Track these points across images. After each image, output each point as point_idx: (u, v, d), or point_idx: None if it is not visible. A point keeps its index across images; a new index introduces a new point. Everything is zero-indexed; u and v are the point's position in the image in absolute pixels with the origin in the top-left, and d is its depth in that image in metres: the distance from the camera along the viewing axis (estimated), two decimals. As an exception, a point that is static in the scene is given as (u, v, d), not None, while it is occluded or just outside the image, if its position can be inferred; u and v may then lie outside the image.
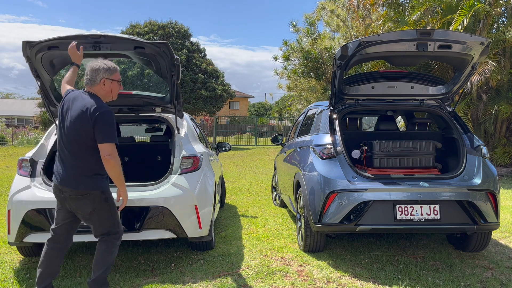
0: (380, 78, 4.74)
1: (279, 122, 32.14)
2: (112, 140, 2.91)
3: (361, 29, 13.84)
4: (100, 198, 3.01)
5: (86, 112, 2.90)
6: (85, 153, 2.97)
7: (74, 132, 2.95)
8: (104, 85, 3.06)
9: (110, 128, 2.91)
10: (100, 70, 3.04)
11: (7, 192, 6.45)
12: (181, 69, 4.18)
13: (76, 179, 2.97)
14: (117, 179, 3.00)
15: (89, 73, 3.05)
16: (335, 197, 3.84)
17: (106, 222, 3.08)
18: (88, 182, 2.98)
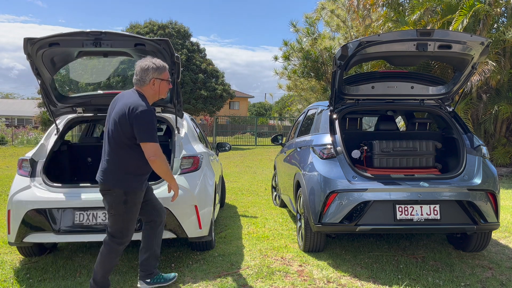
0: (380, 78, 4.73)
1: (279, 122, 32.14)
2: (153, 139, 2.93)
3: (361, 29, 13.85)
4: (120, 198, 3.01)
5: (126, 110, 2.93)
6: (119, 150, 3.00)
7: (113, 128, 3.00)
8: (153, 85, 3.09)
9: (149, 128, 2.91)
10: (149, 70, 3.05)
11: (7, 192, 6.46)
12: (181, 69, 4.18)
13: (105, 174, 3.04)
14: (165, 176, 3.06)
15: (139, 72, 3.06)
16: (335, 197, 3.84)
17: (117, 224, 3.08)
18: (114, 179, 3.01)
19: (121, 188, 3.00)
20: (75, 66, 5.17)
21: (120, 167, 3.01)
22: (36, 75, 3.89)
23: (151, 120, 2.93)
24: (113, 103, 3.13)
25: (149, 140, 2.91)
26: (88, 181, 4.63)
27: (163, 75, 3.11)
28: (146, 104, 2.98)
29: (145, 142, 2.92)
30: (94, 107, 4.51)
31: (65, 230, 3.66)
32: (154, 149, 2.92)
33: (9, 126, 29.04)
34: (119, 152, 3.00)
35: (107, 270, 3.14)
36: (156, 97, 3.16)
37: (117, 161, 3.01)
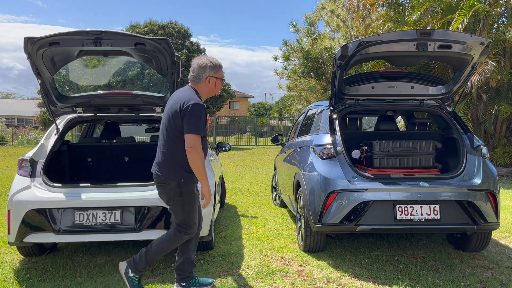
0: (380, 78, 4.73)
1: (279, 122, 32.13)
2: (197, 131, 2.97)
3: (361, 29, 13.85)
4: (175, 190, 3.09)
5: (179, 104, 3.01)
6: (172, 144, 3.07)
7: (166, 123, 3.10)
8: (209, 83, 3.16)
9: (197, 120, 2.97)
10: (206, 67, 3.12)
11: (7, 192, 6.46)
12: (181, 69, 4.18)
13: (159, 166, 3.12)
14: (198, 172, 3.02)
15: (196, 70, 3.13)
16: (335, 197, 3.84)
17: (178, 215, 3.15)
18: (167, 172, 3.08)
19: (174, 180, 3.08)
20: (75, 66, 5.17)
21: (173, 160, 3.08)
22: (36, 75, 3.89)
23: (200, 114, 2.99)
24: (170, 99, 3.22)
25: (193, 132, 2.96)
26: (88, 181, 4.64)
27: (219, 74, 3.19)
28: (199, 99, 3.06)
29: (188, 134, 2.97)
30: (94, 107, 4.51)
31: (65, 230, 3.66)
32: (194, 141, 2.96)
33: (9, 126, 29.03)
34: (172, 146, 3.08)
35: (160, 252, 3.20)
36: (209, 95, 3.26)
37: (169, 154, 3.08)
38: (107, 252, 4.33)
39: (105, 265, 3.97)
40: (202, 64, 3.11)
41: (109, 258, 4.17)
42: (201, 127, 2.99)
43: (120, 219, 3.71)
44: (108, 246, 4.51)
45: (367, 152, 4.47)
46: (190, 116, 2.96)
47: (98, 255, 4.25)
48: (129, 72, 19.94)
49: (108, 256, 4.23)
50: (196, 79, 3.14)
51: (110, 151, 5.19)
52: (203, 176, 3.03)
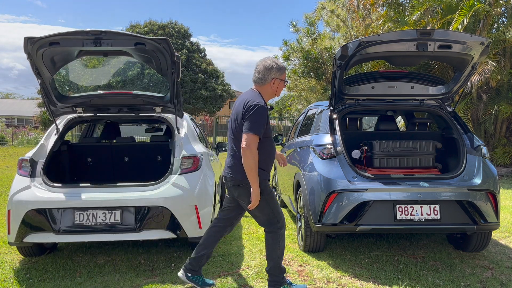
0: (380, 78, 4.73)
1: (279, 122, 32.12)
2: (255, 131, 2.97)
3: (361, 29, 13.86)
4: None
5: (242, 106, 3.07)
6: (240, 145, 3.06)
7: (233, 125, 3.16)
8: (273, 84, 3.17)
9: (257, 121, 2.98)
10: (273, 69, 3.13)
11: (7, 192, 6.46)
12: (181, 69, 4.18)
13: (232, 170, 3.15)
14: (249, 172, 3.02)
15: (262, 71, 3.14)
16: (335, 197, 3.84)
17: (264, 212, 3.17)
18: (243, 173, 3.06)
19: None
20: (75, 66, 5.17)
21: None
22: (36, 75, 3.89)
23: (261, 115, 3.00)
24: (235, 103, 3.26)
25: (250, 131, 2.97)
26: (88, 181, 4.64)
27: (283, 76, 3.20)
28: (262, 101, 3.07)
29: (246, 132, 2.98)
30: (94, 107, 4.51)
31: (65, 230, 3.66)
32: (250, 140, 2.96)
33: (9, 126, 29.02)
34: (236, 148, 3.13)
35: (279, 256, 3.21)
36: (272, 96, 3.26)
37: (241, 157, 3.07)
38: (107, 252, 4.33)
39: (105, 265, 3.96)
40: (268, 66, 3.13)
41: (109, 258, 4.17)
42: (260, 128, 3.00)
43: (120, 219, 3.71)
44: (108, 246, 4.51)
45: (367, 152, 4.47)
46: (251, 116, 2.98)
47: (98, 255, 4.25)
48: (129, 72, 19.98)
49: (108, 256, 4.23)
50: (261, 80, 3.15)
51: (110, 151, 5.19)
52: (254, 178, 3.02)
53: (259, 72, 3.15)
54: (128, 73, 19.79)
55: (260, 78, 3.15)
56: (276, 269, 3.21)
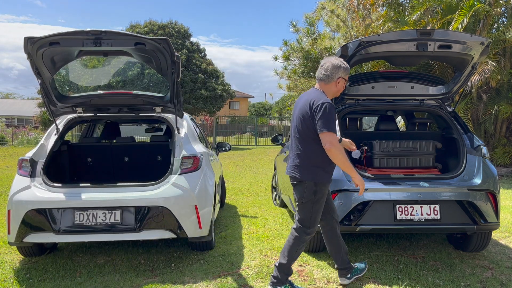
0: (380, 78, 4.73)
1: (279, 122, 32.13)
2: (331, 129, 3.02)
3: (361, 29, 13.84)
4: (310, 189, 3.17)
5: (308, 104, 3.10)
6: (307, 146, 3.16)
7: (298, 125, 3.19)
8: (338, 83, 3.22)
9: (329, 119, 3.02)
10: (340, 68, 3.19)
11: (7, 192, 6.46)
12: (181, 69, 4.18)
13: (296, 169, 3.21)
14: (343, 166, 3.09)
15: (330, 69, 3.18)
16: (335, 197, 3.83)
17: (305, 211, 3.23)
18: (306, 173, 3.16)
19: (312, 180, 3.16)
20: (75, 66, 5.17)
21: (309, 161, 3.17)
22: (36, 75, 3.89)
23: (331, 112, 3.04)
24: (297, 102, 3.31)
25: (327, 130, 3.00)
26: (88, 181, 4.64)
27: (347, 76, 3.27)
28: (327, 99, 3.12)
29: (323, 132, 3.01)
30: (94, 107, 4.51)
31: (65, 230, 3.66)
32: (330, 138, 3.00)
33: (9, 126, 29.02)
34: (307, 147, 3.16)
35: (293, 258, 3.27)
36: (335, 95, 3.34)
37: (306, 156, 3.17)
38: (107, 252, 4.33)
39: (105, 265, 3.97)
40: (336, 65, 3.18)
41: (109, 258, 4.17)
42: (334, 125, 3.05)
43: (120, 219, 3.71)
44: (108, 246, 4.51)
45: (367, 152, 4.47)
46: (322, 115, 3.02)
47: (98, 255, 4.25)
48: (129, 72, 19.96)
49: (108, 256, 4.23)
50: (328, 78, 3.19)
51: (110, 151, 5.19)
52: (349, 168, 3.11)
53: (326, 69, 3.19)
54: (128, 73, 19.77)
55: (327, 76, 3.19)
56: (285, 268, 3.27)
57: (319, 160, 3.14)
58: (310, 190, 3.17)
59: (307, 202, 3.21)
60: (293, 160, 3.25)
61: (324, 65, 3.22)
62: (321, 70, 3.23)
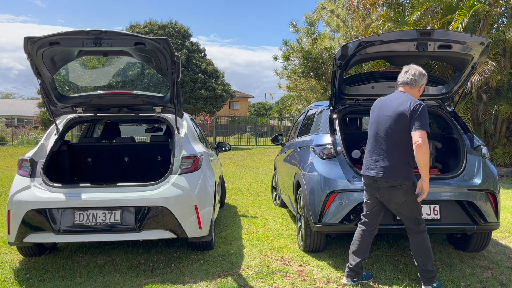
0: (380, 78, 4.73)
1: (279, 122, 32.11)
2: (425, 128, 3.14)
3: (361, 29, 13.84)
4: (411, 189, 3.25)
5: (406, 106, 3.21)
6: (400, 146, 3.24)
7: (392, 126, 3.25)
8: (419, 91, 3.42)
9: (425, 119, 3.16)
10: (425, 76, 3.40)
11: (7, 192, 6.45)
12: (181, 69, 4.18)
13: (388, 171, 3.26)
14: (424, 167, 3.16)
15: (417, 75, 3.36)
16: (335, 197, 3.84)
17: (414, 210, 3.32)
18: (402, 173, 3.24)
19: (410, 180, 3.25)
20: (75, 66, 5.17)
21: (404, 161, 3.25)
22: (36, 75, 3.89)
23: (426, 112, 3.19)
24: (382, 105, 3.40)
25: (423, 128, 3.13)
26: (88, 181, 4.64)
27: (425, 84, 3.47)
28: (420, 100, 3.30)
29: (418, 130, 3.13)
30: (94, 107, 4.51)
31: (65, 230, 3.66)
32: (424, 136, 3.12)
33: (9, 126, 29.03)
34: (400, 149, 3.24)
35: (429, 257, 3.31)
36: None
37: (400, 157, 3.25)
38: (107, 252, 4.33)
39: (105, 265, 3.97)
40: (422, 72, 3.37)
41: (109, 258, 4.17)
42: (428, 125, 3.17)
43: (120, 219, 3.71)
44: (108, 246, 4.51)
45: None
46: (420, 114, 3.15)
47: (98, 255, 4.25)
48: (129, 72, 19.94)
49: (108, 256, 4.23)
50: (415, 83, 3.35)
51: (110, 151, 5.19)
52: (427, 171, 3.19)
53: (414, 75, 3.35)
54: (128, 73, 19.76)
55: (414, 81, 3.35)
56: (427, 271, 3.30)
57: (410, 160, 3.25)
58: (411, 190, 3.25)
59: (413, 203, 3.28)
60: (384, 161, 3.28)
61: (410, 70, 3.37)
62: (407, 75, 3.37)
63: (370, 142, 3.43)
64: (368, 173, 3.38)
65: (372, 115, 3.46)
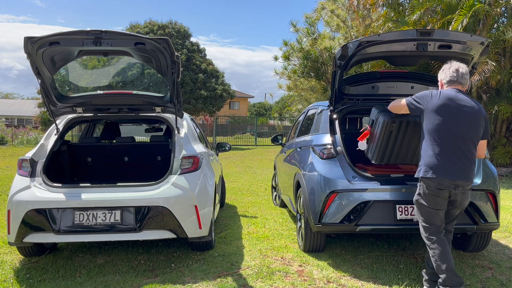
0: (380, 78, 4.73)
1: (279, 122, 32.12)
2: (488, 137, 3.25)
3: (361, 29, 13.84)
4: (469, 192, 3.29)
5: (484, 112, 3.22)
6: (474, 149, 3.21)
7: (477, 130, 3.19)
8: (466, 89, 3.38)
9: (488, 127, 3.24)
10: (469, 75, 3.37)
11: (7, 192, 6.45)
12: (181, 69, 4.18)
13: (471, 173, 3.20)
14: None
15: (466, 74, 3.29)
16: (335, 197, 3.84)
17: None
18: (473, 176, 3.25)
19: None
20: (75, 66, 5.17)
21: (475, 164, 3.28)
22: (36, 75, 3.89)
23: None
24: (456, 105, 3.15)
25: (487, 138, 3.21)
26: (88, 181, 4.64)
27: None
28: None
29: (485, 140, 3.21)
30: (94, 107, 4.51)
31: (65, 230, 3.66)
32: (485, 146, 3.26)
33: (9, 126, 29.02)
34: (474, 151, 3.22)
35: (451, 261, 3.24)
36: None
37: (474, 160, 3.22)
38: (107, 252, 4.33)
39: (105, 265, 3.96)
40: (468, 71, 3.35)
41: (109, 258, 4.17)
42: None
43: (120, 219, 3.71)
44: (108, 246, 4.51)
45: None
46: (487, 123, 3.21)
47: (98, 255, 4.25)
48: (129, 72, 19.93)
49: (108, 256, 4.23)
50: (466, 82, 3.30)
51: (110, 151, 5.19)
52: None
53: (467, 73, 3.29)
54: (128, 73, 19.76)
55: (466, 80, 3.30)
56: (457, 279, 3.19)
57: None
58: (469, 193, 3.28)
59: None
60: (468, 165, 3.15)
61: (462, 69, 3.26)
62: (460, 74, 3.25)
63: (445, 143, 3.12)
64: (451, 177, 3.11)
65: (447, 113, 3.13)
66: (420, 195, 3.24)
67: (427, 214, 3.24)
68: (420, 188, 3.23)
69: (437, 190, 3.14)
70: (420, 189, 3.23)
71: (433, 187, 3.14)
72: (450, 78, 3.27)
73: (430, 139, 3.16)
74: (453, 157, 3.13)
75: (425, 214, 3.25)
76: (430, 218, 3.24)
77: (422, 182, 3.21)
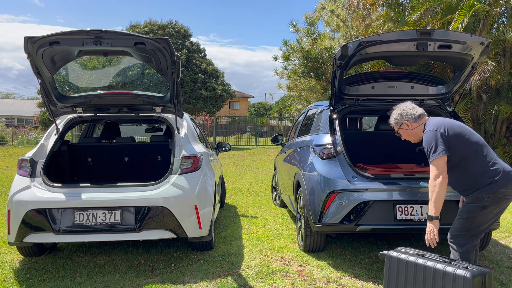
0: (380, 78, 4.73)
1: (279, 122, 32.13)
2: None
3: (361, 29, 13.85)
4: None
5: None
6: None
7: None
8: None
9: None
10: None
11: (7, 192, 6.45)
12: (181, 69, 4.18)
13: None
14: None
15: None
16: (335, 197, 3.84)
17: None
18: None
19: None
20: (75, 66, 5.18)
21: None
22: (36, 74, 3.89)
23: None
24: (452, 121, 3.30)
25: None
26: (88, 181, 4.64)
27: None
28: None
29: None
30: (94, 107, 4.51)
31: (65, 230, 3.66)
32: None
33: (9, 126, 29.01)
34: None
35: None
36: None
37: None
38: (107, 252, 4.33)
39: (105, 265, 3.97)
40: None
41: (109, 258, 4.17)
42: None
43: (120, 219, 3.71)
44: (108, 246, 4.51)
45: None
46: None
47: (98, 255, 4.25)
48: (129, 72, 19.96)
49: (108, 256, 4.23)
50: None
51: (110, 151, 5.19)
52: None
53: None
54: (128, 73, 19.78)
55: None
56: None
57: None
58: None
59: None
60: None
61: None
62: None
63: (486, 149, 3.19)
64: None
65: (463, 130, 3.22)
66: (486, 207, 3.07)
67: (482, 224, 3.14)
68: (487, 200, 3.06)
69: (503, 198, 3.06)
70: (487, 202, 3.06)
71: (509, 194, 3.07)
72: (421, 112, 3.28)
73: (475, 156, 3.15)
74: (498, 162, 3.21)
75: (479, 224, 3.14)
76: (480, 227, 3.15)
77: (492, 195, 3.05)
